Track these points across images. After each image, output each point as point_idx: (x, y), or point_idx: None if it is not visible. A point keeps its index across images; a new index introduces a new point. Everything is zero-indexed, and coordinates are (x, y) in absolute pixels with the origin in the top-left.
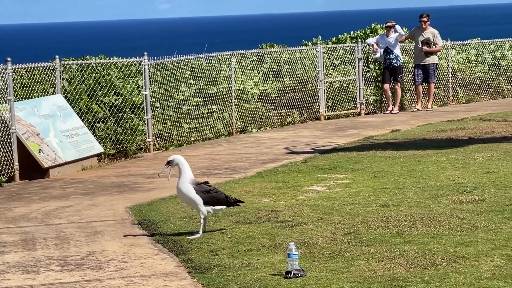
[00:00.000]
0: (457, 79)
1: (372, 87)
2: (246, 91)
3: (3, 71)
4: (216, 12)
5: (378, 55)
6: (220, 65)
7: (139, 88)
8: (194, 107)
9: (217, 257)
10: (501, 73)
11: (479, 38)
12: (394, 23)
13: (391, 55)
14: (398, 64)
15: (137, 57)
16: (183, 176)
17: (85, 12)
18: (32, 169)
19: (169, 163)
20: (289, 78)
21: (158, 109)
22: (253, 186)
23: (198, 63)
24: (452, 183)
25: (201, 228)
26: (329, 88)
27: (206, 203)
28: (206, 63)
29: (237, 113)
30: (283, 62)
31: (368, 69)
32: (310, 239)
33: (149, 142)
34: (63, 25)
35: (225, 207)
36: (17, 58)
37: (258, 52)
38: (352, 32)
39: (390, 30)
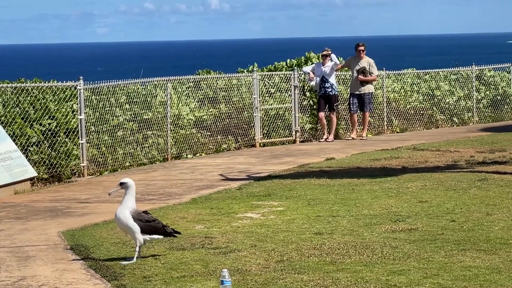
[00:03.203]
0: (392, 108)
1: (308, 115)
2: (181, 117)
3: None
4: (153, 37)
5: (313, 83)
6: (156, 90)
7: (74, 112)
8: (129, 132)
9: (150, 283)
10: (435, 103)
11: (414, 68)
12: (330, 52)
13: (326, 83)
14: (334, 92)
15: (73, 81)
16: (124, 202)
17: (21, 35)
18: None
19: (121, 184)
20: (225, 105)
21: (92, 133)
22: (187, 212)
23: (134, 88)
24: (386, 211)
25: (136, 254)
26: (265, 116)
27: (143, 231)
28: (142, 88)
29: (173, 139)
30: (219, 89)
31: (304, 97)
32: (244, 266)
33: (83, 166)
34: None
35: (162, 236)
36: None
37: (194, 78)
38: (288, 60)
39: (326, 59)
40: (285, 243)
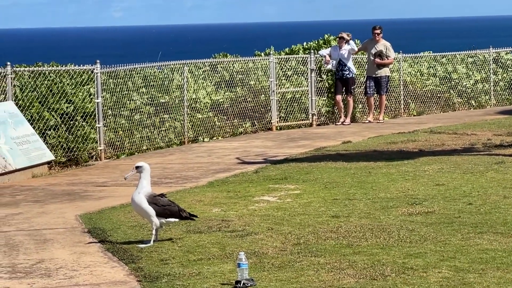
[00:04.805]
0: (409, 91)
1: (324, 98)
2: (198, 100)
3: None
4: (170, 21)
5: (330, 66)
6: (173, 74)
7: (91, 96)
8: (146, 116)
9: (167, 266)
10: (452, 86)
11: (430, 51)
12: (349, 38)
13: (343, 66)
14: (351, 75)
15: (90, 65)
16: (140, 186)
17: (38, 19)
18: None
19: (137, 168)
20: (242, 88)
21: (110, 117)
22: (204, 196)
23: (150, 72)
24: (402, 195)
25: (153, 237)
26: (281, 99)
27: (158, 215)
28: (159, 72)
29: (189, 123)
30: (235, 72)
31: (320, 80)
32: (260, 249)
33: (100, 150)
34: (16, 32)
35: (178, 219)
36: None
37: (211, 62)
38: (305, 43)
39: (342, 42)
40: (301, 226)
